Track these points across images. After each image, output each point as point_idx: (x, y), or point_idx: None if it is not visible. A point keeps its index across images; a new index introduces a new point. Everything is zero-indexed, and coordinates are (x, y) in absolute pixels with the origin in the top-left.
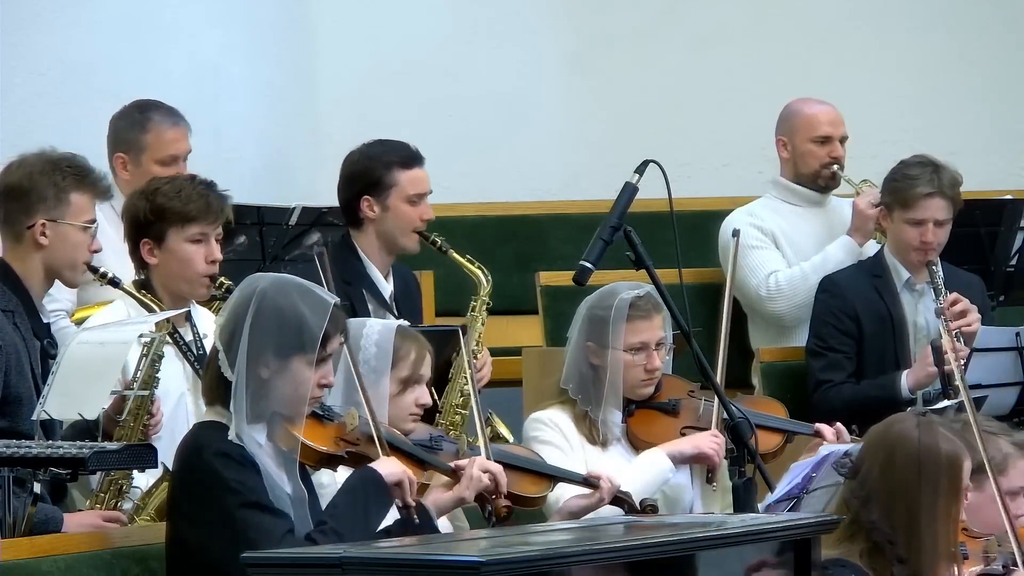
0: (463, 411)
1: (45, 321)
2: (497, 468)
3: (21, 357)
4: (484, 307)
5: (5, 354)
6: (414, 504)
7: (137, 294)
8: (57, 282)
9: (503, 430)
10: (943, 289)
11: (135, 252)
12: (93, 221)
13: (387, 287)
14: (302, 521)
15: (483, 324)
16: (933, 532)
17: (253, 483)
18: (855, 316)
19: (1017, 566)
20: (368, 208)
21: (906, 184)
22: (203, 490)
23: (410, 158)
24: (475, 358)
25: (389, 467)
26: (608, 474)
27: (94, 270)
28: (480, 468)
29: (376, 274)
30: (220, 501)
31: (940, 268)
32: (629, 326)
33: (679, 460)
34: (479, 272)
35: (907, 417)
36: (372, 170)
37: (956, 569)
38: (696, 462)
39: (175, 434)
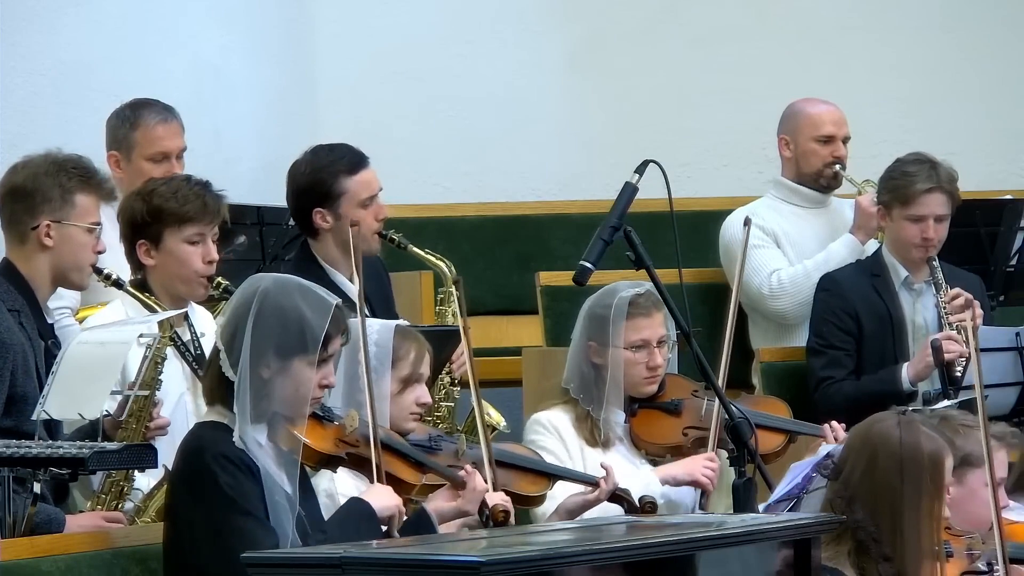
0: (447, 403)
1: (50, 321)
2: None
3: (28, 357)
4: (451, 299)
5: (13, 353)
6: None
7: (141, 295)
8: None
9: (492, 411)
10: (944, 284)
11: (132, 253)
12: (98, 223)
13: (354, 288)
14: (297, 522)
15: (454, 315)
16: (916, 530)
17: (249, 491)
18: (855, 314)
19: (999, 563)
20: (321, 220)
21: (905, 181)
22: (199, 492)
23: (355, 163)
24: None
25: (382, 500)
26: (610, 471)
27: (98, 271)
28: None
29: (341, 279)
30: (212, 505)
31: (939, 265)
32: (630, 323)
33: (672, 484)
34: (442, 264)
35: (888, 416)
36: (320, 182)
37: (940, 567)
38: (690, 486)
39: (175, 434)
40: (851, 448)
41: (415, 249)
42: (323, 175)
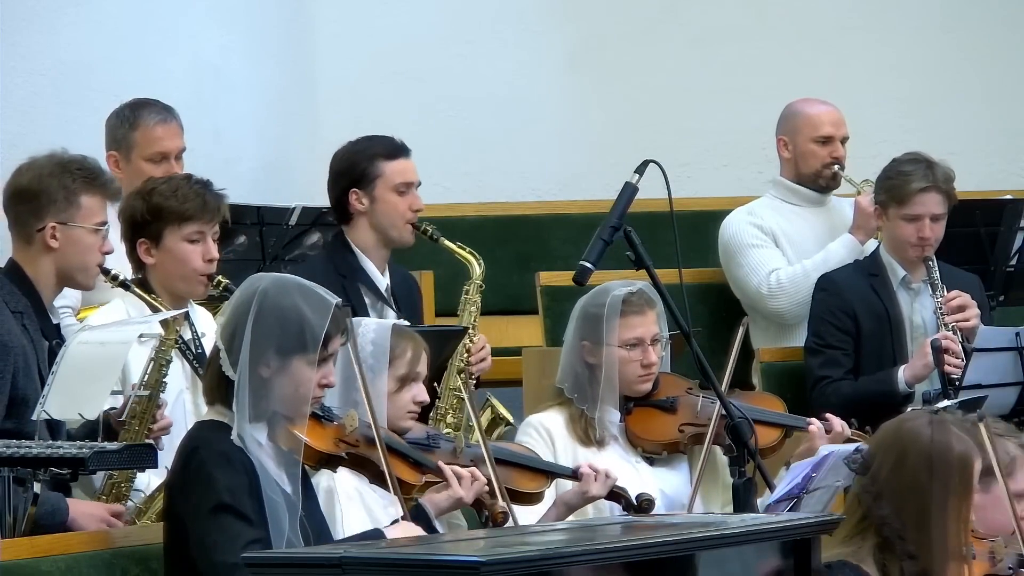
0: (460, 394)
1: (55, 322)
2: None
3: (29, 359)
4: (478, 291)
5: (13, 355)
6: None
7: (147, 296)
8: None
9: (502, 411)
10: (940, 284)
11: (132, 252)
12: (104, 223)
13: (383, 280)
14: (296, 522)
15: (477, 308)
16: (943, 530)
17: (239, 488)
18: (853, 314)
19: None
20: (356, 201)
21: (900, 181)
22: (195, 490)
23: (395, 150)
24: (471, 342)
25: (397, 535)
26: (602, 467)
27: (105, 272)
28: (478, 473)
29: (371, 267)
30: (206, 503)
31: (936, 265)
32: (623, 322)
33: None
34: (471, 257)
35: (919, 415)
36: (357, 163)
37: (966, 569)
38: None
39: (173, 433)
40: (880, 444)
41: (447, 242)
42: (360, 157)
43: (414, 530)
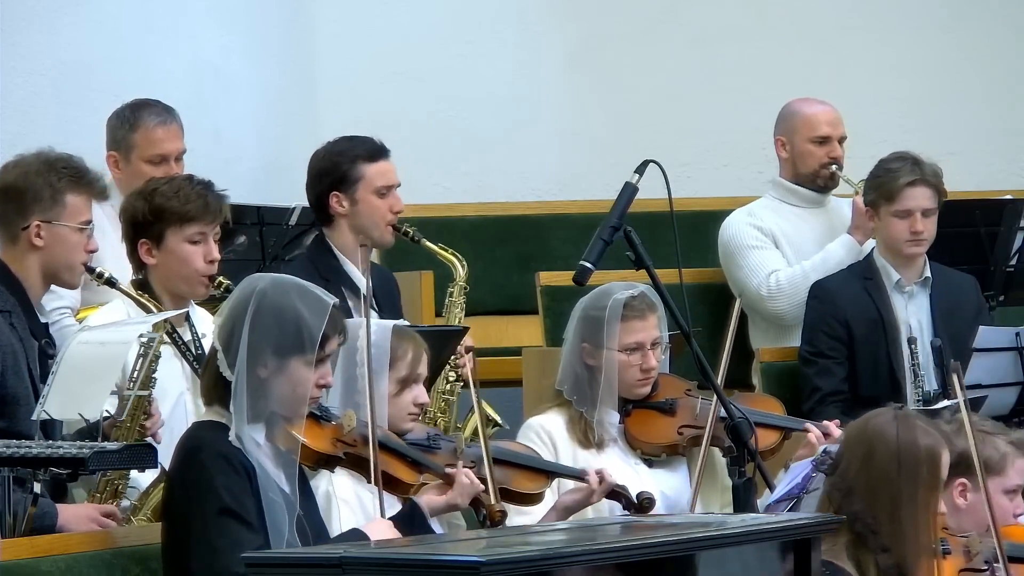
0: (449, 397)
1: (43, 321)
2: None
3: (18, 357)
4: (461, 293)
5: (2, 354)
6: None
7: (135, 294)
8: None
9: (490, 412)
10: None
11: (133, 252)
12: (89, 222)
13: (364, 283)
14: (294, 522)
15: (461, 310)
16: (914, 521)
17: (241, 491)
18: (845, 321)
19: (999, 562)
20: (337, 203)
21: (888, 177)
22: (194, 491)
23: (375, 151)
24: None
25: (380, 533)
26: (603, 470)
27: (91, 270)
28: (473, 476)
29: (353, 270)
30: (205, 505)
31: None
32: (624, 326)
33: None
34: (453, 259)
35: (885, 412)
36: (338, 165)
37: (936, 563)
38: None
39: (174, 433)
40: (848, 443)
41: (428, 243)
42: (341, 159)
43: (389, 529)
